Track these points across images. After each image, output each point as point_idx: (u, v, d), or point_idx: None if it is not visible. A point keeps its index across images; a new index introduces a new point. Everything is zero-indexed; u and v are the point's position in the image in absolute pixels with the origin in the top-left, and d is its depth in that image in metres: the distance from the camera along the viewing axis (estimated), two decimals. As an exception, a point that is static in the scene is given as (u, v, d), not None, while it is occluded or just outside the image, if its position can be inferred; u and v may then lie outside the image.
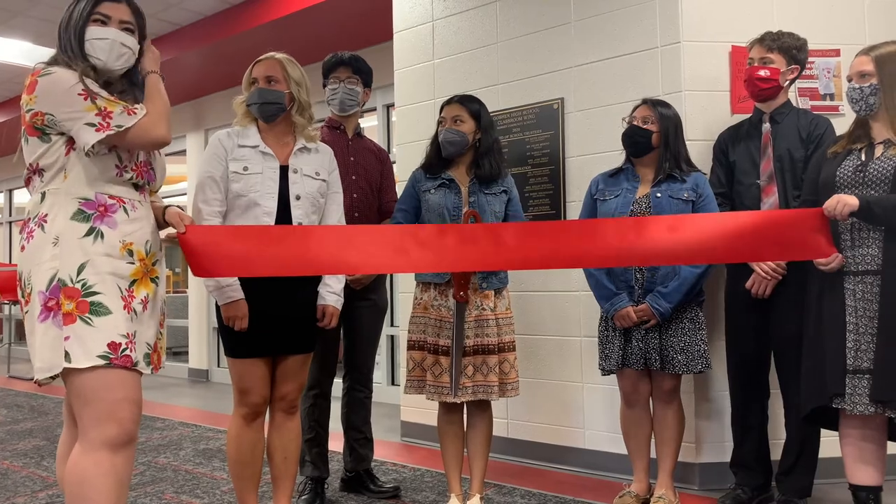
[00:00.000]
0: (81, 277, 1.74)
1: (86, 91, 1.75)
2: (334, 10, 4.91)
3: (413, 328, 2.71)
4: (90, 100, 1.75)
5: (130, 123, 1.78)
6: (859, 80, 2.26)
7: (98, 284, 1.75)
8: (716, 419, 3.07)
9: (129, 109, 1.79)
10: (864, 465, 2.24)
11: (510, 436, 3.60)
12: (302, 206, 2.34)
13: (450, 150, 2.67)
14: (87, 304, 1.73)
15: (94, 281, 1.75)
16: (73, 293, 1.73)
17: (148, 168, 1.93)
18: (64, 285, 1.73)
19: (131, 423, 1.77)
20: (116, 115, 1.77)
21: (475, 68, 3.78)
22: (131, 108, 1.80)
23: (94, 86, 1.79)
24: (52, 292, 1.73)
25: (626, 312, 2.64)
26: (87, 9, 1.85)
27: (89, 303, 1.73)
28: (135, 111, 1.80)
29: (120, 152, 1.83)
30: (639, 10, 3.25)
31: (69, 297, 1.72)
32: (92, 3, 1.86)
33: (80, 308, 1.73)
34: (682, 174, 2.67)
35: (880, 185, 2.18)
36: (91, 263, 1.76)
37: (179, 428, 4.56)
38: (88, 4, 1.85)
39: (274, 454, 2.41)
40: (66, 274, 1.74)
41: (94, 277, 1.75)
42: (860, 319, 2.18)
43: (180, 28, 5.83)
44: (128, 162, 1.85)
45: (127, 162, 1.84)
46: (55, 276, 1.73)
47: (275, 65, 2.38)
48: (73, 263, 1.74)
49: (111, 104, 1.77)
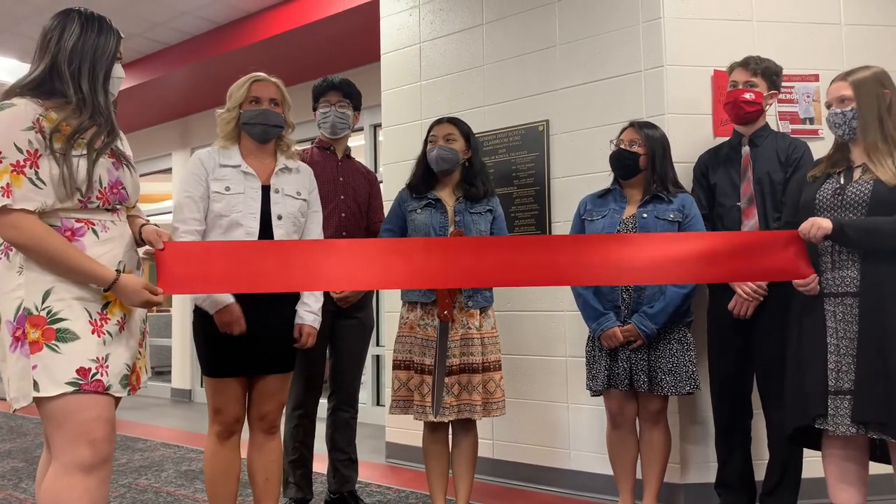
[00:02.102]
0: (46, 305, 1.73)
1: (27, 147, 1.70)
2: (322, 31, 4.94)
3: (399, 347, 2.71)
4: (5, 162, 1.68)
5: None
6: (840, 105, 2.29)
7: (64, 311, 1.73)
8: (701, 440, 3.08)
9: (5, 191, 1.67)
10: (847, 486, 2.25)
11: (495, 456, 3.58)
12: (283, 226, 2.35)
13: (443, 166, 2.69)
14: (52, 332, 1.72)
15: (60, 307, 1.73)
16: (38, 321, 1.71)
17: (119, 188, 1.88)
18: (29, 314, 1.72)
19: (105, 442, 1.76)
20: None
21: (462, 90, 3.81)
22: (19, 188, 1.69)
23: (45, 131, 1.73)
24: (19, 322, 1.72)
25: (612, 332, 2.65)
26: (114, 46, 1.87)
27: (55, 329, 1.72)
28: (9, 194, 1.68)
29: (79, 185, 1.76)
30: (623, 34, 3.30)
31: (34, 326, 1.71)
32: (117, 40, 1.89)
33: (45, 336, 1.71)
34: (668, 195, 2.70)
35: (857, 209, 2.22)
36: (56, 290, 1.74)
37: (161, 449, 4.50)
38: (114, 41, 1.88)
39: (255, 475, 2.39)
40: (31, 302, 1.72)
41: (59, 304, 1.73)
42: (841, 341, 2.20)
43: (168, 47, 5.84)
44: (90, 193, 1.79)
45: (89, 193, 1.79)
46: (20, 306, 1.72)
47: (276, 88, 2.41)
48: (37, 291, 1.73)
49: (15, 178, 1.68)
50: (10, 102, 1.75)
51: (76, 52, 1.82)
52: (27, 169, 1.71)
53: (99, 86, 1.84)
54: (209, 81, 5.84)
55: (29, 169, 1.71)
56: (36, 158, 1.72)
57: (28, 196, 1.71)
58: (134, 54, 5.92)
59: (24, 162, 1.70)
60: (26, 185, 1.71)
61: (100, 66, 1.84)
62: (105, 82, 1.86)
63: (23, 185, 1.70)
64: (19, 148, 1.70)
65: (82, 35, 1.83)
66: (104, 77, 1.86)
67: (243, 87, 2.39)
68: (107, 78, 1.86)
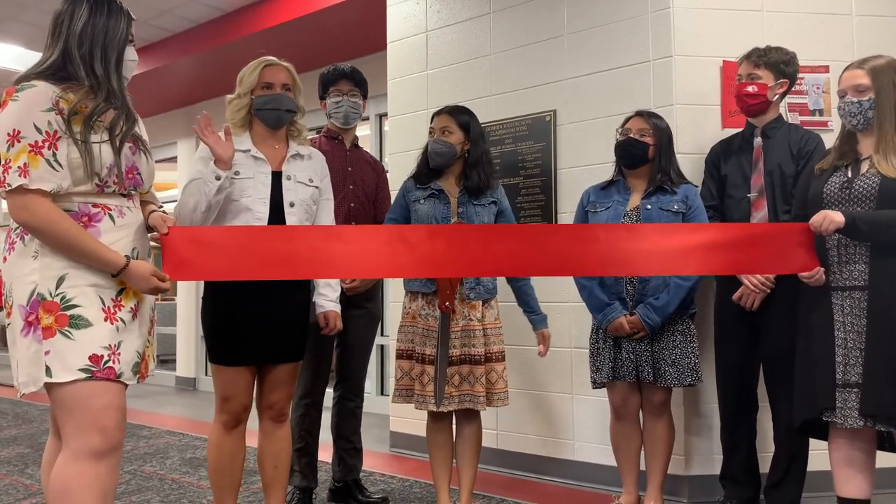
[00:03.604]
0: (60, 291, 1.72)
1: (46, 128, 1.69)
2: (328, 20, 4.92)
3: (402, 337, 2.70)
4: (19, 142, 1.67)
5: (15, 184, 1.67)
6: (856, 94, 2.23)
7: (78, 297, 1.73)
8: (705, 432, 3.07)
9: (22, 171, 1.67)
10: (853, 479, 2.25)
11: (499, 447, 3.59)
12: (296, 213, 2.34)
13: (437, 160, 2.67)
14: (66, 318, 1.71)
15: (74, 294, 1.73)
16: (51, 307, 1.71)
17: (134, 173, 1.87)
18: (43, 299, 1.71)
19: (116, 430, 1.76)
20: (11, 172, 1.68)
21: (468, 79, 3.79)
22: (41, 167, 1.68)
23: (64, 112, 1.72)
24: (32, 307, 1.71)
25: (619, 323, 2.64)
26: (124, 28, 1.85)
27: (69, 316, 1.71)
28: (26, 174, 1.67)
29: (98, 171, 1.76)
30: (632, 23, 3.27)
31: (48, 311, 1.71)
32: (128, 21, 1.87)
33: (59, 322, 1.71)
34: (672, 185, 2.69)
35: (865, 202, 2.20)
36: (70, 276, 1.73)
37: (166, 436, 4.52)
38: (124, 23, 1.86)
39: (264, 462, 2.40)
40: (45, 288, 1.72)
41: (73, 290, 1.73)
42: (848, 334, 2.20)
43: (173, 35, 5.82)
44: (108, 177, 1.79)
45: (107, 178, 1.78)
46: (34, 291, 1.72)
47: (288, 72, 2.39)
48: (51, 277, 1.72)
49: (32, 158, 1.68)
50: (31, 84, 1.74)
51: (86, 34, 1.80)
52: (45, 150, 1.70)
53: (112, 69, 1.83)
54: (215, 69, 5.82)
55: (47, 150, 1.70)
56: (55, 140, 1.71)
57: (44, 177, 1.70)
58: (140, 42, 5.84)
59: (42, 143, 1.69)
60: (43, 166, 1.69)
61: (111, 49, 1.83)
62: (118, 65, 1.84)
63: (40, 165, 1.69)
64: (38, 128, 1.69)
65: (91, 18, 1.81)
66: (116, 60, 1.84)
67: (255, 72, 2.35)
68: (119, 61, 1.84)
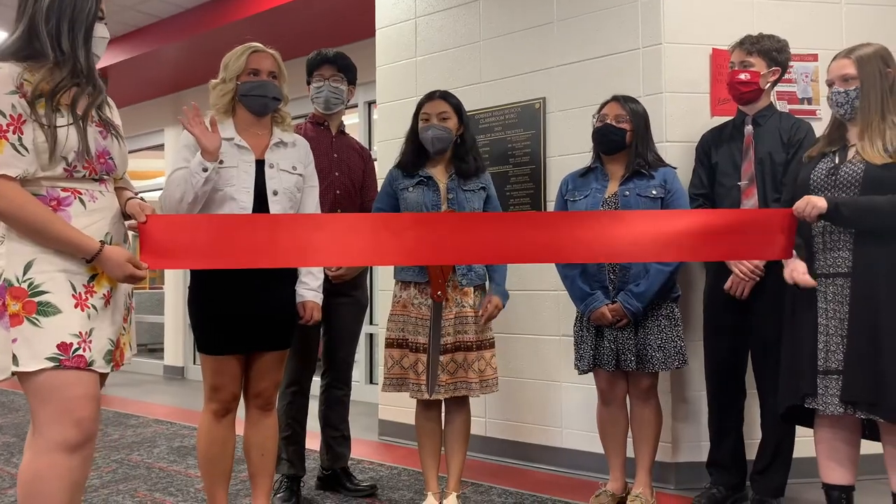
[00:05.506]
0: (28, 277, 1.67)
1: None
2: (316, 6, 4.87)
3: (392, 326, 2.69)
4: None
5: None
6: (843, 84, 2.25)
7: (46, 283, 1.68)
8: (693, 419, 3.09)
9: None
10: (837, 465, 2.27)
11: (488, 434, 3.60)
12: (280, 202, 2.32)
13: (438, 146, 2.64)
14: (34, 305, 1.66)
15: (42, 280, 1.68)
16: (19, 293, 1.66)
17: (106, 158, 1.81)
18: (10, 285, 1.66)
19: (90, 421, 1.72)
20: None
21: (458, 66, 3.77)
22: None
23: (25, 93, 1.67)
24: (0, 293, 1.67)
25: (601, 313, 2.64)
26: (94, 4, 1.79)
27: (36, 303, 1.67)
28: None
29: (65, 154, 1.71)
30: (621, 11, 3.26)
31: (15, 298, 1.66)
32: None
33: (26, 308, 1.66)
34: (649, 169, 2.68)
35: (850, 188, 2.21)
36: (38, 261, 1.68)
37: (154, 425, 4.50)
38: None
39: (251, 451, 2.39)
40: (12, 273, 1.67)
41: (41, 276, 1.68)
42: (830, 321, 2.21)
43: (160, 20, 5.74)
44: (77, 162, 1.73)
45: (76, 162, 1.73)
46: (1, 276, 1.67)
47: (274, 60, 2.36)
48: (18, 262, 1.68)
49: None
50: None
51: (53, 9, 1.75)
52: (10, 134, 1.65)
53: (79, 45, 1.77)
54: (202, 56, 5.75)
55: (12, 134, 1.65)
56: (20, 124, 1.66)
57: (10, 162, 1.65)
58: (125, 27, 5.83)
59: (6, 127, 1.65)
60: (8, 150, 1.65)
61: (79, 24, 1.77)
62: (87, 41, 1.79)
63: (5, 150, 1.64)
64: (2, 112, 1.65)
65: None
66: (85, 36, 1.78)
67: (241, 58, 2.33)
68: (88, 37, 1.79)
